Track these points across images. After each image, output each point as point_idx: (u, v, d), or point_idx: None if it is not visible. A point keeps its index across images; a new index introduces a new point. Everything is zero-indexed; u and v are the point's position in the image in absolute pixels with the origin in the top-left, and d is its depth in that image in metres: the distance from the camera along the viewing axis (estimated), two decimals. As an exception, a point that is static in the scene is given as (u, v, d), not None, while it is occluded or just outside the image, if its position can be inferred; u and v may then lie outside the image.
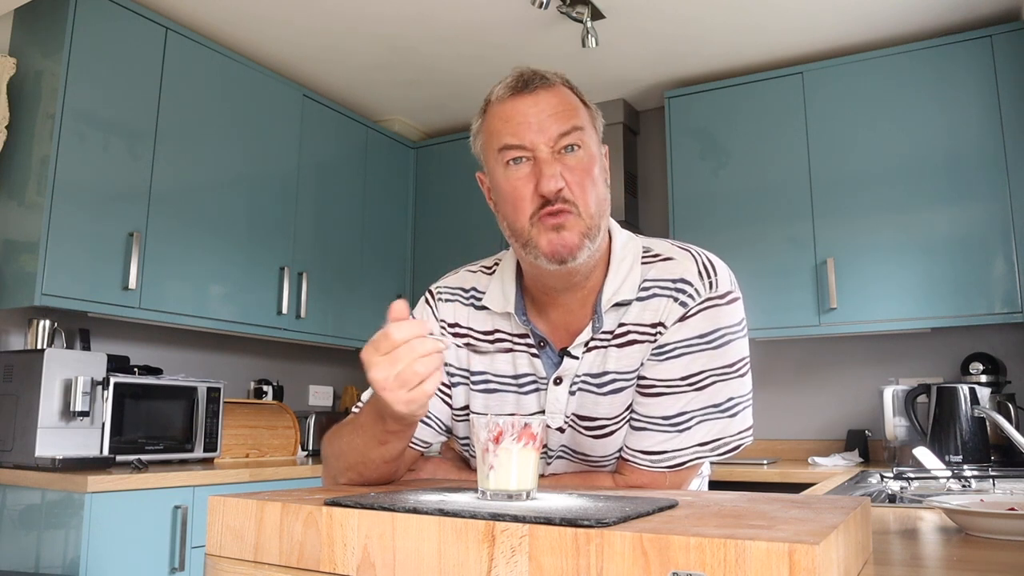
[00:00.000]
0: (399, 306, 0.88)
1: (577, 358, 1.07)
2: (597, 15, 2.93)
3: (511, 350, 1.12)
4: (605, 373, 1.07)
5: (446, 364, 1.14)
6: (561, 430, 1.09)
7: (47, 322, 2.56)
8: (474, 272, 1.21)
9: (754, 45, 3.20)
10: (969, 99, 2.89)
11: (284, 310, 3.17)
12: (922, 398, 2.73)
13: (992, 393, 2.71)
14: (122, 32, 2.69)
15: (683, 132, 3.38)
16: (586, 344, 1.07)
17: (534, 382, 1.11)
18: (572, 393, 1.08)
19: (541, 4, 2.70)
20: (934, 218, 2.88)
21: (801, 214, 3.10)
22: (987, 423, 2.61)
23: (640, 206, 3.72)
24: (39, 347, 2.52)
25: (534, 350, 1.10)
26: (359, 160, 3.69)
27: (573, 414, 1.09)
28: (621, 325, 1.06)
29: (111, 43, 2.65)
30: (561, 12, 2.85)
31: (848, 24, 3.03)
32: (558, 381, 1.08)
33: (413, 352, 0.85)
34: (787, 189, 3.14)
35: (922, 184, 2.91)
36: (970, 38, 2.91)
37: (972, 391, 2.63)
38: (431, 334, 0.88)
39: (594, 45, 2.93)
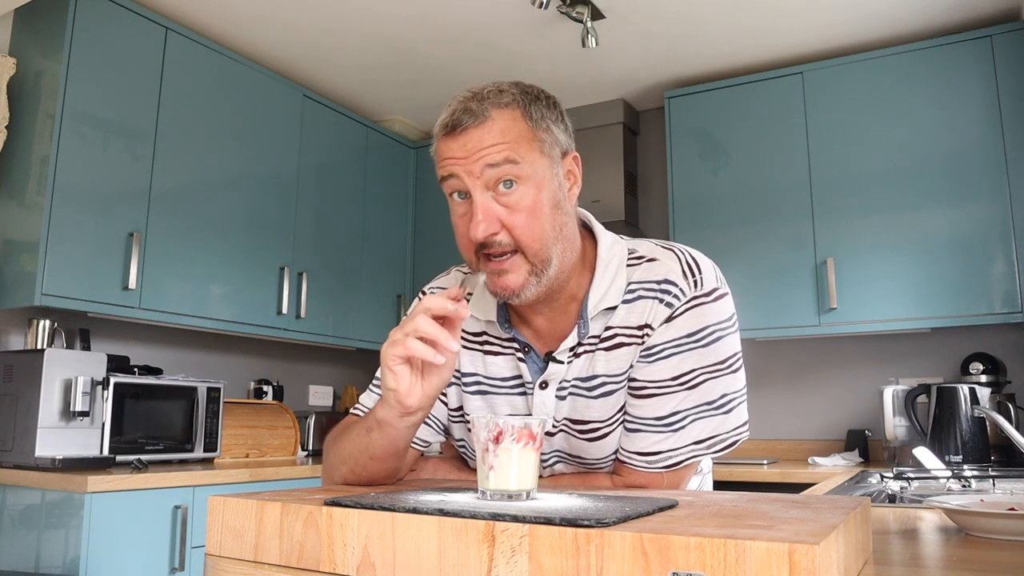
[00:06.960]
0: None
1: (561, 363, 1.07)
2: (597, 15, 2.93)
3: (499, 353, 1.13)
4: (595, 376, 1.07)
5: None
6: (550, 434, 1.10)
7: (47, 322, 2.56)
8: (465, 272, 1.22)
9: (754, 45, 3.20)
10: (969, 99, 2.88)
11: (284, 310, 3.17)
12: (922, 398, 2.72)
13: (992, 393, 2.71)
14: (122, 32, 2.68)
15: (683, 132, 3.38)
16: (571, 350, 1.07)
17: (521, 385, 1.11)
18: (562, 398, 1.08)
19: (541, 4, 2.70)
20: (934, 218, 2.88)
21: (801, 214, 3.10)
22: (987, 423, 2.61)
23: (640, 206, 3.72)
24: (39, 347, 2.52)
25: (520, 354, 1.11)
26: (359, 160, 3.69)
27: (566, 418, 1.09)
28: (608, 329, 1.06)
29: (111, 43, 2.64)
30: (561, 12, 2.85)
31: (848, 24, 3.02)
32: (544, 385, 1.09)
33: (425, 309, 0.91)
34: (787, 189, 3.14)
35: (922, 184, 2.91)
36: (970, 38, 2.91)
37: (972, 391, 2.63)
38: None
39: (594, 45, 2.93)
